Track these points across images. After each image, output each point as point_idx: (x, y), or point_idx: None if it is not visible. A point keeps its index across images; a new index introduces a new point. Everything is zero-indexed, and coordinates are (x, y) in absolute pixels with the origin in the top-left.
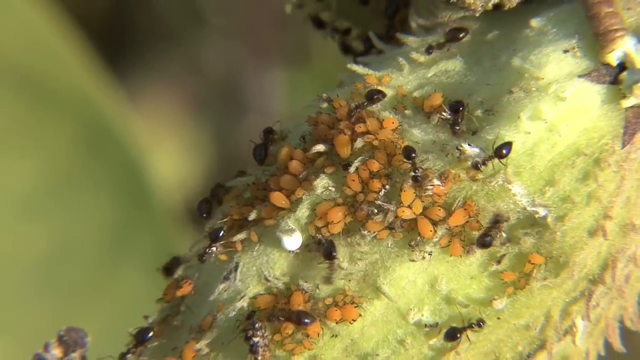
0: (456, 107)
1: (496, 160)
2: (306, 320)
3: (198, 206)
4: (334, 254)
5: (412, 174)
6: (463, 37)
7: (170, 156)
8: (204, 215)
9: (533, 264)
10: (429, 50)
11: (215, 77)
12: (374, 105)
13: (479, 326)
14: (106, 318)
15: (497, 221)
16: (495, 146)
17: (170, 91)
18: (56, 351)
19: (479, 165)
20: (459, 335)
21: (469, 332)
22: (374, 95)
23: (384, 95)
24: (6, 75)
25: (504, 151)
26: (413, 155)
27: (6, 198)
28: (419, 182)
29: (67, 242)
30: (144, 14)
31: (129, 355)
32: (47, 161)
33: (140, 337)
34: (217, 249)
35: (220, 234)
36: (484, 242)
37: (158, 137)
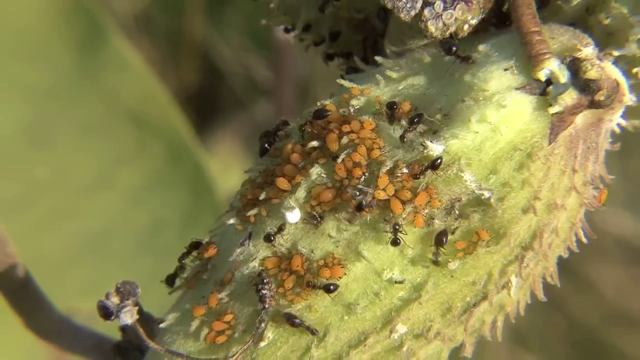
0: (414, 119)
1: (452, 154)
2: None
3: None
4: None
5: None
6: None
7: (230, 171)
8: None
9: (479, 237)
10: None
11: (259, 124)
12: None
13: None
14: None
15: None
16: (430, 160)
17: (233, 133)
18: (115, 299)
19: (418, 176)
20: None
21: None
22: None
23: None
24: (129, 115)
25: (437, 162)
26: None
27: (123, 192)
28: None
29: (159, 220)
30: (222, 85)
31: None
32: (147, 168)
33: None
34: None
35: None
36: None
37: (226, 161)
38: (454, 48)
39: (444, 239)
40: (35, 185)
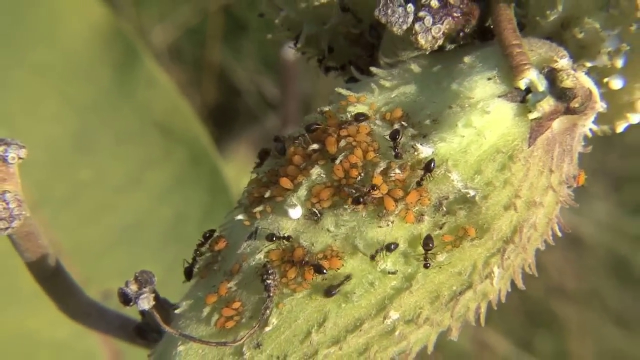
0: (394, 135)
1: (440, 156)
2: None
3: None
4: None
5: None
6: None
7: (244, 174)
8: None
9: (465, 232)
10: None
11: (269, 134)
12: (351, 115)
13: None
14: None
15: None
16: (424, 164)
17: (247, 141)
18: (133, 287)
19: (420, 182)
20: None
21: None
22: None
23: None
24: (157, 126)
25: (431, 165)
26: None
27: (152, 191)
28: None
29: (181, 214)
30: (238, 101)
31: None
32: (172, 171)
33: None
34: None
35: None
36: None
37: (240, 165)
38: (462, 33)
39: (431, 244)
40: (79, 185)
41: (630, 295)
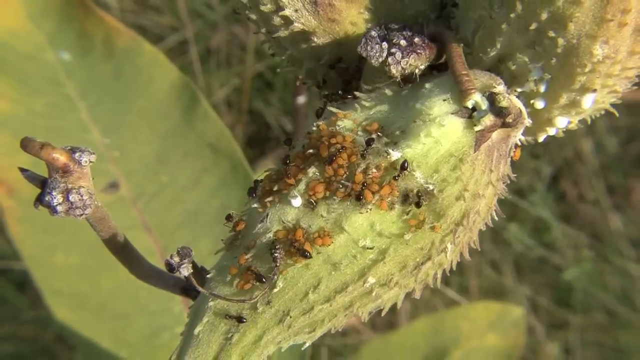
0: (368, 142)
1: (406, 158)
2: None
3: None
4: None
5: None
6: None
7: None
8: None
9: (424, 217)
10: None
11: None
12: (339, 128)
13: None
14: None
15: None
16: (400, 164)
17: (272, 158)
18: (176, 258)
19: (397, 177)
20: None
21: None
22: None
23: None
24: (210, 145)
25: (405, 165)
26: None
27: (206, 189)
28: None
29: (225, 205)
30: (267, 133)
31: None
32: (219, 176)
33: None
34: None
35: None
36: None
37: None
38: (414, 77)
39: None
40: (161, 185)
41: (499, 250)
